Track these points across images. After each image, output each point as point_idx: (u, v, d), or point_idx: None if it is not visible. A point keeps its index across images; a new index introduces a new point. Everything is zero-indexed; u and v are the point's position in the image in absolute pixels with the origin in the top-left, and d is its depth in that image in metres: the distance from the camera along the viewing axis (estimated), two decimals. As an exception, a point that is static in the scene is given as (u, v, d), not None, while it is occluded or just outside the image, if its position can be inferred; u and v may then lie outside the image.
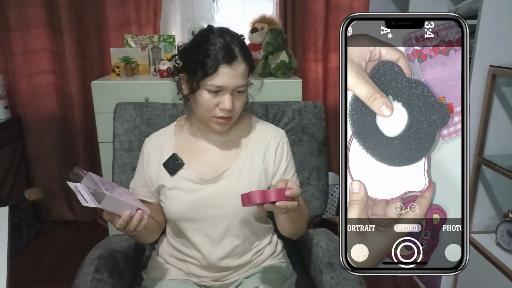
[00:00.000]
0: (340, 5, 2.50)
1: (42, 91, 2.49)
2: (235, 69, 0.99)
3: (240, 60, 1.00)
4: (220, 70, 0.98)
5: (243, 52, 1.01)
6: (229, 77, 0.99)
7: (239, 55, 1.00)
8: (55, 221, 2.69)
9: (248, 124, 1.18)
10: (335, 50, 2.60)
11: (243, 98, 1.06)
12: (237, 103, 1.04)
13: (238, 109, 1.06)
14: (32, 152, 2.58)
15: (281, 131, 1.19)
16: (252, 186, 1.09)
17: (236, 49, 1.00)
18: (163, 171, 1.11)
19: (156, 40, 2.26)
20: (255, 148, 1.13)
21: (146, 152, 1.16)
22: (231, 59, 0.98)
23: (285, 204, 0.84)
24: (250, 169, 1.10)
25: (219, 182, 1.09)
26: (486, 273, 1.51)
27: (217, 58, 0.98)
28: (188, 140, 1.15)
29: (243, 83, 1.02)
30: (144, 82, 2.01)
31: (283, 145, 1.16)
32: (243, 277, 1.13)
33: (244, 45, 1.04)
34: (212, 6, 2.54)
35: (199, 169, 1.10)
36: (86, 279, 1.06)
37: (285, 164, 1.15)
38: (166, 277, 1.14)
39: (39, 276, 2.11)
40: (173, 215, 1.11)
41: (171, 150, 1.13)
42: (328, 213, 2.60)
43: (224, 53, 0.98)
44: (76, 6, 2.35)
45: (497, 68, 1.46)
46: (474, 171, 1.59)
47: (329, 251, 1.19)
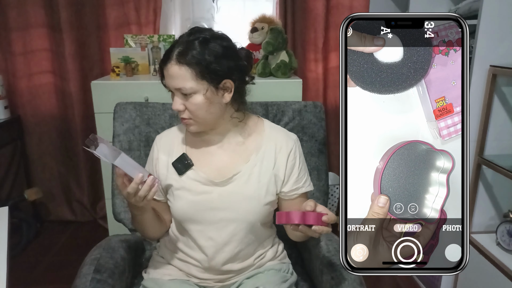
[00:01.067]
0: (340, 5, 2.50)
1: (42, 91, 2.49)
2: (168, 70, 1.00)
3: (173, 61, 0.99)
4: (162, 70, 1.03)
5: (180, 55, 0.98)
6: (167, 77, 1.01)
7: (174, 57, 0.98)
8: (55, 221, 2.69)
9: (260, 127, 1.15)
10: (335, 50, 2.60)
11: (196, 101, 1.00)
12: (188, 106, 1.01)
13: (193, 112, 1.01)
14: (32, 152, 2.58)
15: (293, 136, 1.16)
16: (260, 191, 1.08)
17: (175, 51, 0.99)
18: (172, 170, 1.10)
19: (156, 40, 2.26)
20: (265, 152, 1.10)
21: (156, 149, 1.15)
22: (165, 61, 1.01)
23: (321, 229, 0.84)
24: (260, 174, 1.09)
25: (228, 185, 1.08)
26: (486, 273, 1.50)
27: (163, 57, 1.02)
28: (198, 140, 1.13)
29: (180, 85, 0.99)
30: (144, 82, 2.01)
31: (295, 151, 1.13)
32: (243, 278, 1.13)
33: (190, 47, 0.98)
34: (212, 6, 2.54)
35: (208, 171, 1.09)
36: (86, 279, 1.06)
37: (297, 172, 1.12)
38: (167, 277, 1.14)
39: (39, 276, 2.11)
40: (179, 215, 1.10)
41: (181, 150, 1.12)
42: (328, 213, 2.60)
43: (165, 54, 1.01)
44: (76, 6, 2.35)
45: (497, 68, 1.45)
46: (474, 171, 1.59)
47: (329, 251, 1.19)
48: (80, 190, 2.68)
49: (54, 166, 2.62)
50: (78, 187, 2.68)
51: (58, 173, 2.64)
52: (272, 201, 1.10)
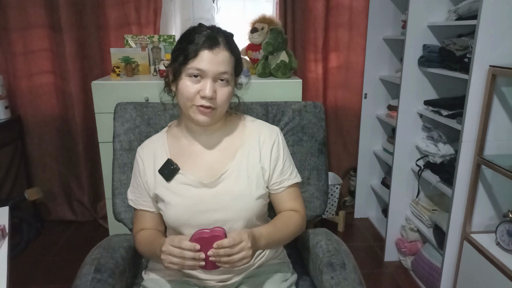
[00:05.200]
0: (340, 5, 2.50)
1: (42, 91, 2.49)
2: (216, 54, 0.98)
3: (223, 47, 1.00)
4: (201, 54, 0.98)
5: (227, 42, 1.01)
6: (210, 62, 0.98)
7: (222, 43, 1.00)
8: (55, 221, 2.70)
9: (241, 123, 1.16)
10: (335, 50, 2.60)
11: (227, 90, 1.02)
12: (220, 93, 1.01)
13: (222, 101, 1.02)
14: (32, 152, 2.59)
15: (275, 128, 1.17)
16: (251, 187, 1.08)
17: (220, 38, 1.00)
18: (159, 178, 1.10)
19: (156, 40, 2.26)
20: (250, 147, 1.11)
21: (141, 160, 1.14)
22: (213, 45, 0.98)
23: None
24: (248, 170, 1.09)
25: (218, 185, 1.08)
26: (486, 273, 1.51)
27: (198, 43, 0.98)
28: (181, 144, 1.13)
29: (226, 70, 1.00)
30: (144, 82, 2.01)
31: (279, 143, 1.14)
32: (243, 277, 1.14)
33: (231, 39, 1.04)
34: (212, 6, 2.54)
35: (196, 173, 1.09)
36: (86, 279, 1.06)
37: (282, 164, 1.13)
38: (167, 277, 1.14)
39: (39, 276, 2.11)
40: (173, 221, 1.09)
41: (165, 156, 1.11)
42: (328, 213, 2.61)
43: (206, 39, 0.98)
44: (76, 6, 2.35)
45: (497, 68, 1.46)
46: (474, 171, 1.59)
47: (329, 251, 1.19)
48: (80, 190, 2.69)
49: (55, 166, 2.62)
50: (79, 187, 2.68)
51: (59, 173, 2.64)
52: (263, 194, 1.11)
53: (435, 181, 1.88)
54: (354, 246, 2.43)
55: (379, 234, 2.56)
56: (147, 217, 1.16)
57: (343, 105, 2.70)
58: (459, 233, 1.69)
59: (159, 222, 1.17)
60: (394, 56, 2.49)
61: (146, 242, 1.11)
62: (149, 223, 1.16)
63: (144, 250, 1.13)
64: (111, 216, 2.01)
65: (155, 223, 1.16)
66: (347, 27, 2.55)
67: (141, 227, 1.16)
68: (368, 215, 2.78)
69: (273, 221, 1.11)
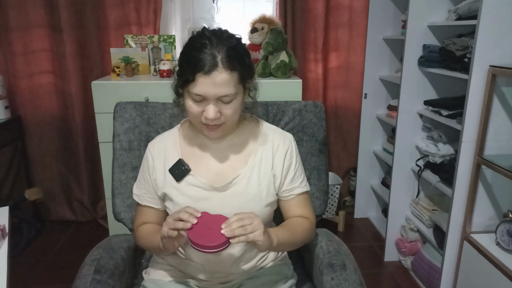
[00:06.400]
0: (340, 5, 2.50)
1: (42, 91, 2.49)
2: (214, 78, 0.91)
3: (221, 68, 0.91)
4: (198, 79, 0.91)
5: (228, 60, 0.92)
6: (208, 86, 0.92)
7: (221, 63, 0.91)
8: (55, 221, 2.70)
9: (255, 128, 1.14)
10: (335, 50, 2.60)
11: (233, 105, 0.97)
12: (225, 112, 0.96)
13: (229, 116, 0.98)
14: (32, 152, 2.59)
15: (289, 136, 1.16)
16: (261, 193, 1.07)
17: (218, 57, 0.91)
18: (169, 177, 1.08)
19: (156, 40, 2.26)
20: (263, 154, 1.10)
21: (151, 157, 1.12)
22: (209, 68, 0.90)
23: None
24: (259, 176, 1.08)
25: (229, 190, 1.07)
26: (486, 273, 1.51)
27: (194, 65, 0.91)
28: (193, 145, 1.11)
29: (227, 92, 0.93)
30: (144, 82, 2.01)
31: (292, 151, 1.13)
32: (244, 278, 1.13)
33: (232, 51, 0.94)
34: (212, 6, 2.54)
35: (206, 175, 1.07)
36: (86, 280, 1.06)
37: (293, 172, 1.12)
38: (167, 278, 1.14)
39: (39, 276, 2.11)
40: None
41: (177, 156, 1.10)
42: (328, 213, 2.61)
43: (203, 61, 0.91)
44: (76, 6, 2.35)
45: (497, 68, 1.45)
46: (474, 171, 1.59)
47: (329, 252, 1.19)
48: (80, 190, 2.69)
49: (55, 166, 2.62)
50: (79, 187, 2.68)
51: (59, 173, 2.64)
52: (272, 202, 1.10)
53: (435, 181, 1.88)
54: (354, 246, 2.43)
55: (379, 234, 2.55)
56: (150, 213, 1.15)
57: (343, 105, 2.70)
58: (459, 233, 1.69)
59: (162, 218, 1.16)
60: (394, 56, 2.49)
61: (149, 235, 1.10)
62: (151, 218, 1.15)
63: (145, 243, 1.12)
64: (111, 216, 2.01)
65: (158, 219, 1.15)
66: (347, 27, 2.55)
67: (143, 221, 1.15)
68: (368, 215, 2.78)
69: (283, 225, 1.10)
